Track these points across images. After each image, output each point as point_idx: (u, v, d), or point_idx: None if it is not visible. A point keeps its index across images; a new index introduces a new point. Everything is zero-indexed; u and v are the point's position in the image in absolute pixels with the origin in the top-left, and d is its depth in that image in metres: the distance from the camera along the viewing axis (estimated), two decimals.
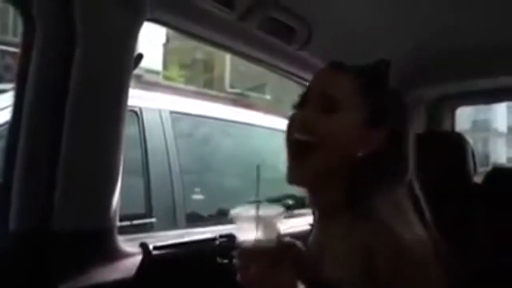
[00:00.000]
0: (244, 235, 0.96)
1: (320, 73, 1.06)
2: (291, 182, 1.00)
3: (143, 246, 1.19)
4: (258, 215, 0.94)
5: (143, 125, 2.32)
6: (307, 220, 1.75)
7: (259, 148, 2.95)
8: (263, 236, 0.94)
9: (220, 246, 1.28)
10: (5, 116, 1.24)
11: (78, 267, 1.07)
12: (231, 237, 1.31)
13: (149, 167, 2.27)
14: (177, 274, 1.17)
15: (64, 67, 1.08)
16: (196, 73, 11.75)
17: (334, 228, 1.00)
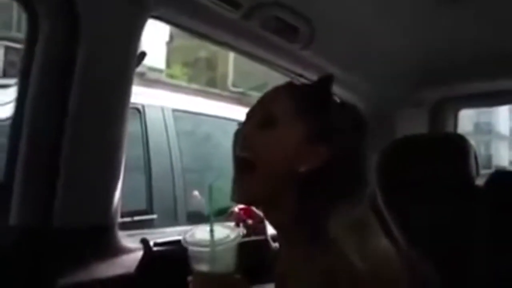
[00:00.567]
0: (199, 261, 0.95)
1: (268, 91, 1.05)
2: (232, 200, 1.00)
3: (144, 242, 1.20)
4: (214, 247, 0.92)
5: (146, 122, 2.33)
6: None
7: None
8: (219, 266, 0.93)
9: None
10: (9, 111, 1.24)
11: (79, 263, 1.07)
12: None
13: (151, 164, 2.28)
14: (178, 271, 1.16)
15: (68, 64, 1.08)
16: (199, 72, 11.75)
17: (294, 257, 0.96)
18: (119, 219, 1.22)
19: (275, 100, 1.00)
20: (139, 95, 2.35)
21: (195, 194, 2.52)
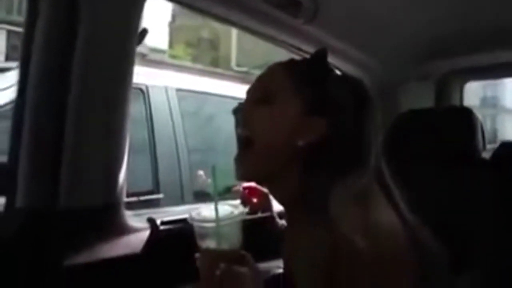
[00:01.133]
0: (204, 238, 0.95)
1: (266, 68, 1.05)
2: (235, 177, 1.01)
3: (151, 221, 1.20)
4: (219, 222, 0.93)
5: (149, 103, 2.32)
6: None
7: None
8: (225, 243, 0.94)
9: None
10: (12, 94, 1.24)
11: (85, 243, 1.07)
12: None
13: (156, 144, 2.28)
14: (185, 249, 1.16)
15: (68, 45, 1.07)
16: (202, 52, 11.70)
17: (299, 234, 0.97)
18: (125, 199, 1.22)
19: (272, 76, 1.01)
20: (142, 76, 2.34)
21: (200, 174, 2.52)
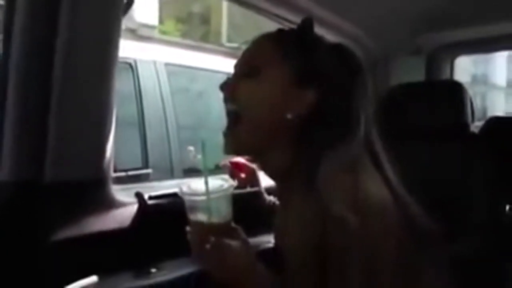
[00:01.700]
0: (195, 212, 0.96)
1: (252, 42, 1.03)
2: (224, 152, 1.02)
3: (139, 196, 1.19)
4: (209, 195, 0.93)
5: (138, 77, 2.30)
6: None
7: None
8: (216, 216, 0.94)
9: None
10: None
11: (72, 217, 1.06)
12: None
13: (145, 119, 2.26)
14: (173, 223, 1.16)
15: (51, 18, 1.04)
16: (193, 27, 11.57)
17: (289, 207, 0.98)
18: (114, 174, 1.20)
19: (258, 49, 1.00)
20: (131, 50, 2.32)
21: (190, 149, 2.51)
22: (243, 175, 1.34)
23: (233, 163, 1.35)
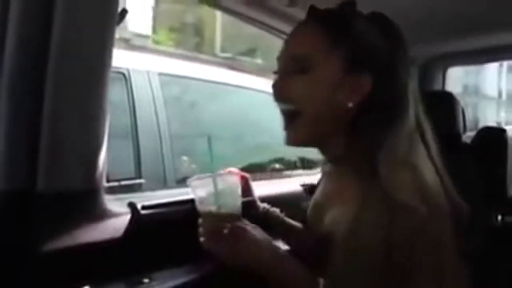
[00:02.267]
0: (204, 204, 0.97)
1: (290, 34, 1.01)
2: (287, 144, 1.00)
3: (132, 206, 1.18)
4: (217, 187, 0.95)
5: (131, 87, 2.29)
6: (294, 182, 1.76)
7: (249, 111, 2.93)
8: (225, 204, 0.96)
9: None
10: None
11: (64, 227, 1.05)
12: None
13: (138, 129, 2.25)
14: (166, 234, 1.16)
15: (44, 28, 1.04)
16: (186, 37, 11.58)
17: (340, 187, 0.98)
18: (106, 184, 1.20)
19: (303, 40, 0.97)
20: (124, 60, 2.31)
21: (184, 159, 2.51)
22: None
23: (229, 172, 1.35)
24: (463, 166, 1.47)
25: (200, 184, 0.97)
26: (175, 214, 1.21)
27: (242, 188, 1.33)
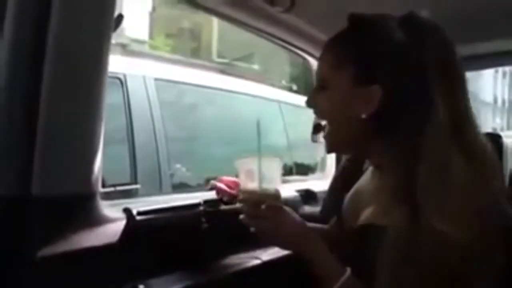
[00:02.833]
0: (248, 182, 1.07)
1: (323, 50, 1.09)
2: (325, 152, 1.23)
3: (127, 211, 1.18)
4: (261, 160, 1.04)
5: (128, 92, 2.29)
6: (290, 188, 1.75)
7: (245, 116, 2.94)
8: (266, 184, 1.05)
9: (205, 212, 1.27)
10: None
11: (59, 233, 1.04)
12: (215, 203, 1.30)
13: (134, 134, 2.25)
14: (161, 239, 1.15)
15: (39, 32, 1.03)
16: (183, 43, 11.60)
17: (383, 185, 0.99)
18: (103, 189, 1.19)
19: (323, 58, 1.07)
20: (121, 65, 2.31)
21: (178, 167, 2.51)
22: (233, 191, 1.34)
23: (223, 181, 1.35)
24: None
25: (246, 164, 1.07)
26: (171, 220, 1.21)
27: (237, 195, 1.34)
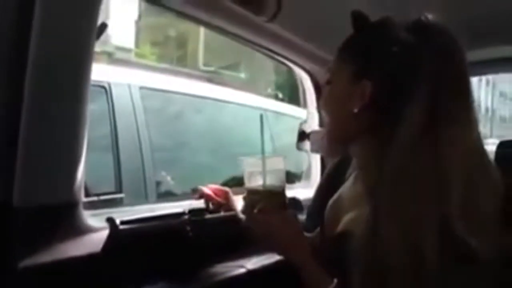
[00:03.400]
0: (252, 181, 1.07)
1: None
2: None
3: (110, 221, 1.17)
4: (265, 158, 1.05)
5: (112, 101, 2.28)
6: None
7: (231, 125, 2.94)
8: (270, 181, 1.06)
9: (189, 220, 1.26)
10: None
11: (42, 243, 1.03)
12: (200, 211, 1.30)
13: (119, 143, 2.23)
14: (145, 249, 1.14)
15: (20, 40, 1.02)
16: (169, 51, 11.59)
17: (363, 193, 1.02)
18: (86, 199, 1.18)
19: (331, 66, 1.09)
20: (105, 73, 2.30)
21: (163, 175, 2.49)
22: (219, 199, 1.34)
23: (210, 188, 1.35)
24: None
25: (251, 163, 1.08)
26: (155, 229, 1.20)
27: (224, 202, 1.34)
